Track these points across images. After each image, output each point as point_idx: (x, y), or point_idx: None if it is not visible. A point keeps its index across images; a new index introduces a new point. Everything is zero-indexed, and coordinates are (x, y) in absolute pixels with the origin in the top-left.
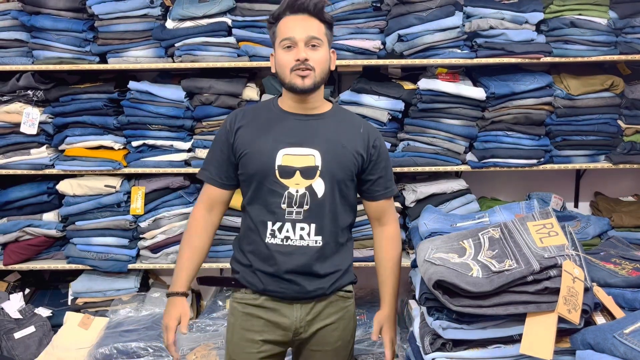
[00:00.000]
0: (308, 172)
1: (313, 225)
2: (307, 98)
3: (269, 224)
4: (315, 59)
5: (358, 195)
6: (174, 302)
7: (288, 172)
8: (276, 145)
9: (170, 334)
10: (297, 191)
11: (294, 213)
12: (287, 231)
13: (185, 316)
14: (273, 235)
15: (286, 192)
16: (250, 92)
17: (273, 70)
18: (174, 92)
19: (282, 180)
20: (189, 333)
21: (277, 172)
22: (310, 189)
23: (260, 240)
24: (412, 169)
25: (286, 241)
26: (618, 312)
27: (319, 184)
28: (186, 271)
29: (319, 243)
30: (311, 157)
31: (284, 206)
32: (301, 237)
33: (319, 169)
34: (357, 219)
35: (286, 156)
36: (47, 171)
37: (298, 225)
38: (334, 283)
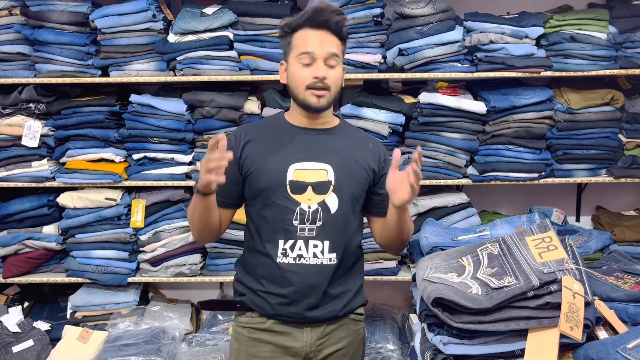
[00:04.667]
0: (321, 188)
1: (327, 242)
2: (319, 114)
3: (280, 242)
4: (332, 78)
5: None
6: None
7: (300, 187)
8: (287, 159)
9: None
10: (309, 207)
11: (307, 230)
12: (300, 249)
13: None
14: (285, 255)
15: (298, 209)
16: (252, 105)
17: (283, 81)
18: (175, 105)
19: (293, 195)
20: (188, 347)
21: (288, 187)
22: (323, 204)
23: (270, 260)
24: None
25: (299, 260)
26: (620, 327)
27: (332, 199)
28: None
29: (334, 261)
30: (324, 171)
31: (295, 223)
32: (315, 255)
33: (332, 184)
34: None
35: (298, 171)
36: (48, 184)
37: (311, 243)
38: (346, 305)
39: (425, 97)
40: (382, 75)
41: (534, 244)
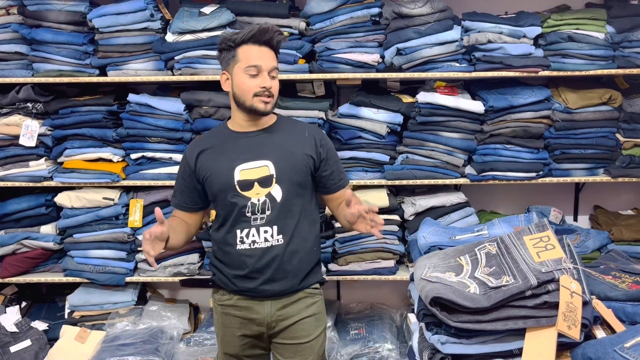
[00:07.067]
0: (265, 182)
1: (275, 227)
2: (261, 117)
3: (238, 232)
4: (275, 87)
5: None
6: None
7: (247, 184)
8: (232, 163)
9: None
10: (258, 200)
11: (258, 219)
12: (253, 236)
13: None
14: (242, 242)
15: (249, 203)
16: None
17: (226, 89)
18: (173, 105)
19: (243, 192)
20: (186, 347)
21: (237, 186)
22: (269, 195)
23: (231, 248)
24: (410, 182)
25: (253, 245)
26: (618, 326)
27: (276, 190)
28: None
29: (281, 241)
30: (265, 167)
31: (248, 214)
32: (265, 240)
33: (274, 176)
34: (354, 233)
35: (243, 171)
36: (46, 183)
37: (262, 229)
38: (301, 282)
39: (423, 97)
40: (380, 75)
41: (532, 244)
